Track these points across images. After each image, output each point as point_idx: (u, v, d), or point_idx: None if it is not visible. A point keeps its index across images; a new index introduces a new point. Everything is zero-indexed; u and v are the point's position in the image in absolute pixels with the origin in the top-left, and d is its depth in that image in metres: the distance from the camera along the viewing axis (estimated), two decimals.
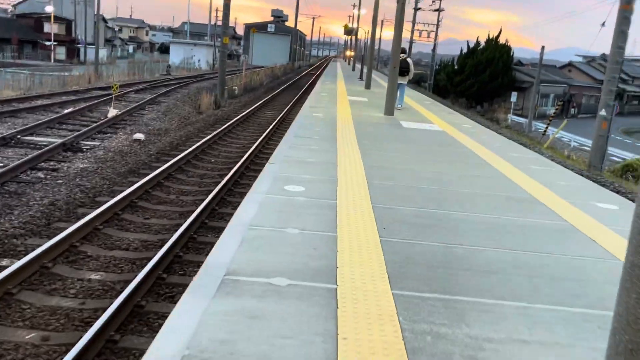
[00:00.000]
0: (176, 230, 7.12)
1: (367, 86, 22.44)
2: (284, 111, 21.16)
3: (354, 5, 54.50)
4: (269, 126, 17.02)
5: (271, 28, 73.65)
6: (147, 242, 6.96)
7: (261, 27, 73.27)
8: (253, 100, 26.18)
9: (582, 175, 14.09)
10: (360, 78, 29.65)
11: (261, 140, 14.12)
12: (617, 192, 8.64)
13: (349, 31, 45.26)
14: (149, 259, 6.22)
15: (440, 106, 18.19)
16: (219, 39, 56.91)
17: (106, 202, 7.90)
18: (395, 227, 4.58)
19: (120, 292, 5.29)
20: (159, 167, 10.48)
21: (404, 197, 5.63)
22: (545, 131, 29.00)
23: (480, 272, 3.78)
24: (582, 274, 3.91)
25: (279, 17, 79.63)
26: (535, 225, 5.02)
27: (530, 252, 4.25)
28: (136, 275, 5.69)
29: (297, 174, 6.20)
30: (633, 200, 8.38)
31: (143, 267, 6.05)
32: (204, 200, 8.56)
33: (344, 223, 4.55)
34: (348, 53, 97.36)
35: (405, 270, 3.68)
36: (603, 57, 71.44)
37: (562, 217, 5.35)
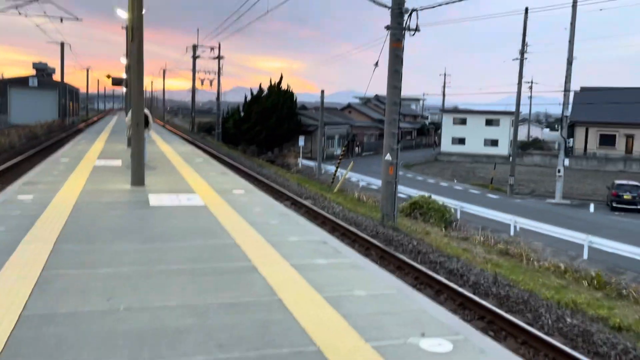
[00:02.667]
0: None
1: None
2: None
3: (124, 55, 50.25)
4: None
5: (33, 82, 65.26)
6: None
7: (22, 82, 64.58)
8: None
9: (376, 235, 12.40)
10: None
11: None
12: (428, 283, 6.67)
13: (117, 81, 40.74)
14: None
15: (214, 164, 15.45)
16: None
17: None
18: None
19: None
20: None
21: None
22: (334, 174, 28.23)
23: None
24: None
25: (42, 70, 71.17)
26: None
27: None
28: None
29: None
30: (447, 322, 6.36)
31: None
32: None
33: None
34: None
35: None
36: (377, 97, 76.94)
37: None
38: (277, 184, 19.21)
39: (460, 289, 7.98)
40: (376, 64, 16.42)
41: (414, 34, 15.04)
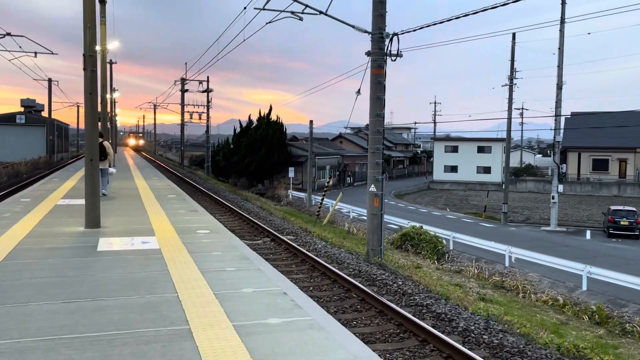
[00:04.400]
0: None
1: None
2: None
3: (111, 89, 49.79)
4: None
5: (21, 119, 64.60)
6: None
7: (8, 119, 63.95)
8: None
9: (359, 274, 11.43)
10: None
11: None
12: None
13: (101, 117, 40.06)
14: None
15: (188, 201, 14.52)
16: None
17: None
18: None
19: None
20: None
21: None
22: (321, 205, 27.31)
23: None
24: None
25: (31, 106, 70.57)
26: None
27: None
28: None
29: None
30: None
31: None
32: None
33: None
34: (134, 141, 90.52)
35: None
36: (367, 127, 76.67)
37: None
38: (258, 218, 18.29)
39: (447, 339, 7.05)
40: (358, 92, 15.72)
41: (395, 60, 14.37)
